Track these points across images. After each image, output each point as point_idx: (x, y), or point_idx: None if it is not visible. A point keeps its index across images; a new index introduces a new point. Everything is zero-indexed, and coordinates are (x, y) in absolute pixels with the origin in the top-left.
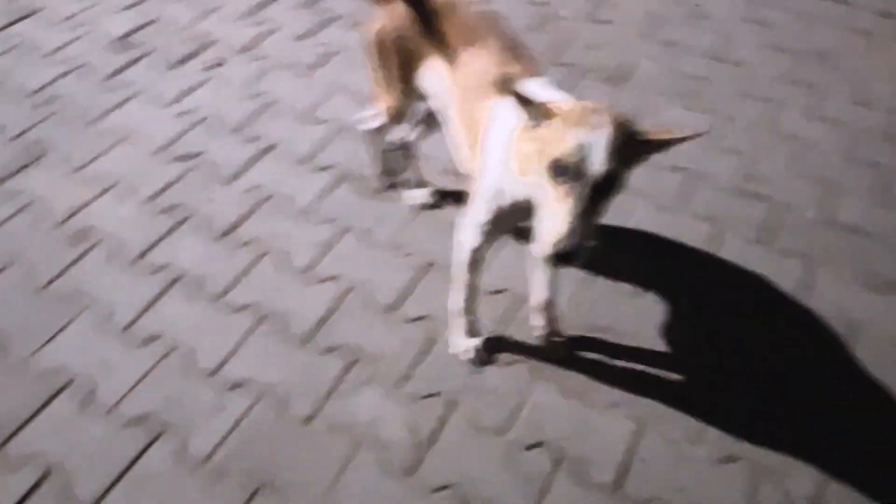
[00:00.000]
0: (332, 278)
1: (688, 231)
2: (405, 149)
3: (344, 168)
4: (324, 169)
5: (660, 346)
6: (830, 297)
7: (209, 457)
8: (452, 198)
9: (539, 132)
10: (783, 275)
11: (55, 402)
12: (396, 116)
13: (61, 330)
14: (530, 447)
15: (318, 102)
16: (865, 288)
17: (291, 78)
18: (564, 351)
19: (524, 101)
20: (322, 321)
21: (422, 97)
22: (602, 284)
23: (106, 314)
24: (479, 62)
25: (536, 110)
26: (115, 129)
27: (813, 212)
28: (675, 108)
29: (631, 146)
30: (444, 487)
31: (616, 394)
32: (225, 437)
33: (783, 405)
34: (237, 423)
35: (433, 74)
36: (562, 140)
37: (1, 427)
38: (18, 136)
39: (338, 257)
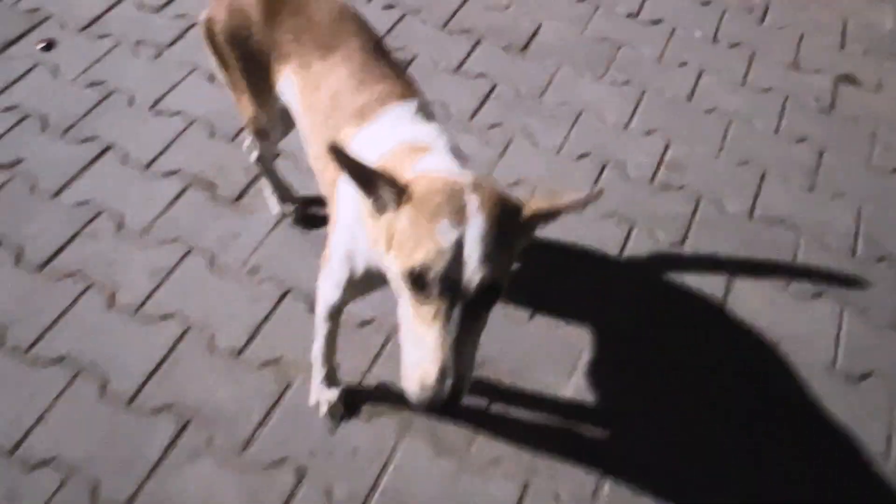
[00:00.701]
0: (168, 316)
1: (593, 232)
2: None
3: (191, 172)
4: (168, 174)
5: (549, 383)
6: (750, 306)
7: None
8: (320, 205)
9: (389, 218)
10: (700, 281)
11: None
12: (259, 132)
13: None
14: None
15: (168, 89)
16: (789, 294)
17: (138, 60)
18: None
19: (363, 180)
20: (151, 374)
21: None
22: None
23: None
24: (334, 78)
25: (381, 191)
26: None
27: (734, 202)
28: (585, 80)
29: (512, 232)
30: None
31: (497, 447)
32: None
33: (688, 451)
34: None
35: (287, 85)
36: (420, 240)
37: None
38: None
39: (176, 288)
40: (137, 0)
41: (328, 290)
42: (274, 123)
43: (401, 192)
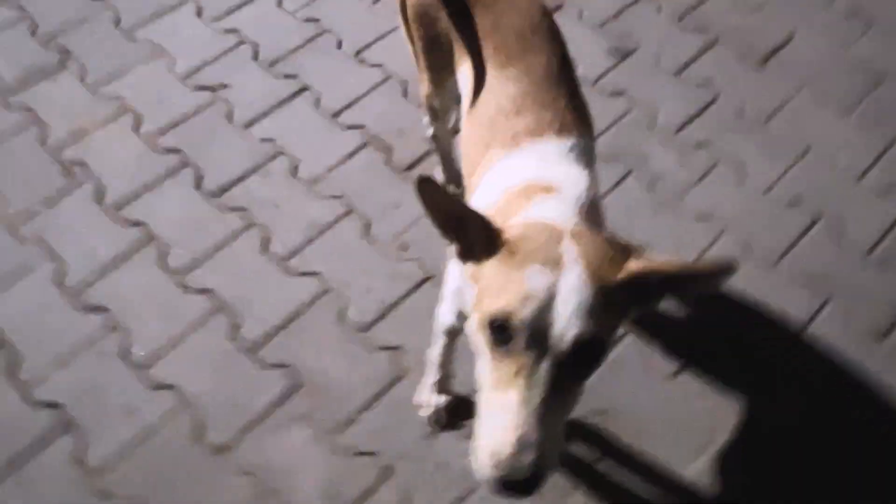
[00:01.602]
0: (311, 274)
1: (779, 294)
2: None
3: (373, 130)
4: (350, 128)
5: (672, 456)
6: None
7: (102, 470)
8: None
9: (474, 267)
10: (893, 386)
11: None
12: (433, 111)
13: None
14: None
15: (375, 39)
16: None
17: (356, 2)
18: None
19: (451, 220)
20: (279, 328)
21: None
22: (627, 351)
23: (62, 271)
24: (503, 93)
25: (471, 236)
26: (149, 42)
27: None
28: (826, 112)
29: (617, 288)
30: None
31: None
32: (128, 450)
33: None
34: (144, 438)
35: (464, 79)
36: (505, 285)
37: None
38: (48, 40)
39: (326, 248)
40: None
41: (443, 313)
42: (448, 106)
43: (491, 238)
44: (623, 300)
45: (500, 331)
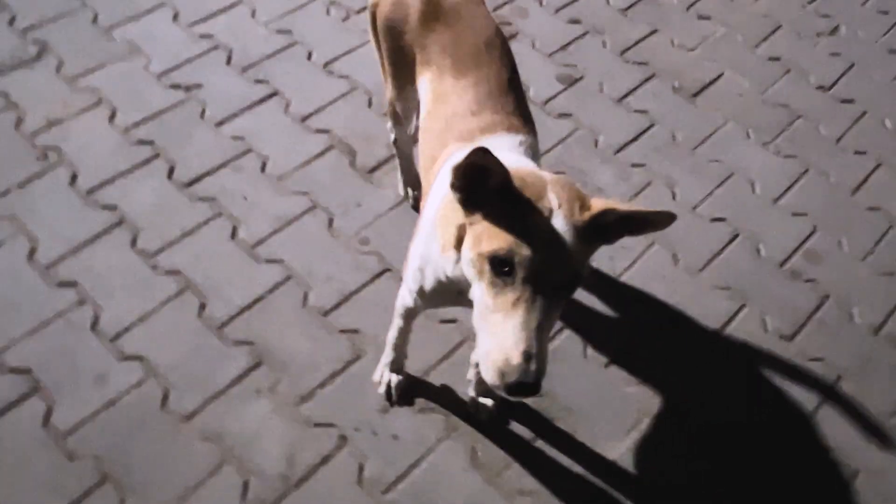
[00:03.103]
0: (276, 261)
1: (700, 299)
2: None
3: (339, 135)
4: (318, 132)
5: (601, 437)
6: (838, 431)
7: (70, 432)
8: None
9: (476, 216)
10: (795, 383)
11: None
12: (395, 116)
13: None
14: None
15: (344, 52)
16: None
17: (327, 18)
18: (489, 414)
19: (469, 174)
20: (245, 308)
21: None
22: (566, 344)
23: (33, 247)
24: (458, 99)
25: (487, 184)
26: (126, 41)
27: (864, 313)
28: (748, 142)
29: (589, 229)
30: None
31: (529, 481)
32: (93, 415)
33: None
34: (111, 403)
35: (423, 87)
36: (508, 228)
37: None
38: (26, 29)
39: (290, 238)
40: None
41: (404, 294)
42: (409, 112)
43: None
44: (591, 236)
45: (502, 264)
